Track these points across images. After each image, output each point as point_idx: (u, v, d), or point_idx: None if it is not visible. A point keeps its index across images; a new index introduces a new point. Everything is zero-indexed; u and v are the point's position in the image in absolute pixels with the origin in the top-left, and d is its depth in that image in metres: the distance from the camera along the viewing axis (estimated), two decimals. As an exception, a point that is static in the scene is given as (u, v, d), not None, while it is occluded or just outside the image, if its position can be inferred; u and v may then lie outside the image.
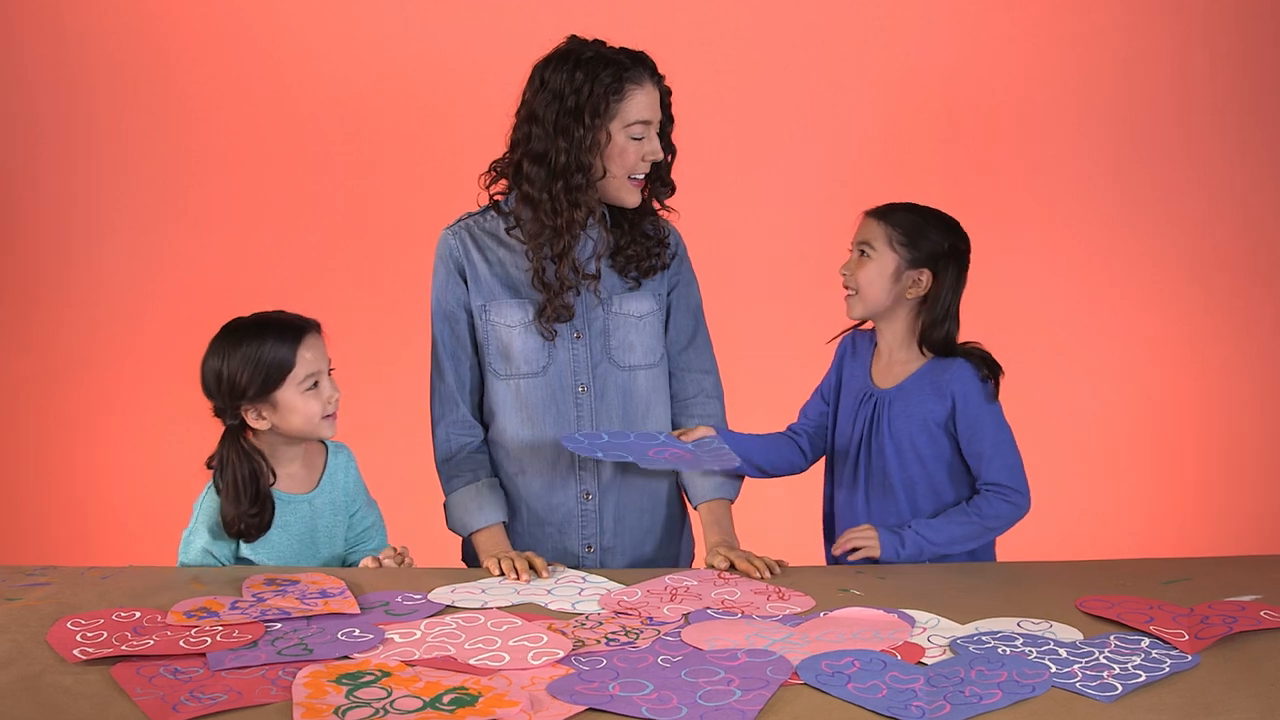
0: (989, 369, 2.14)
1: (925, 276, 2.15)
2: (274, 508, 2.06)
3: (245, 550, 2.07)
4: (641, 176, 2.11)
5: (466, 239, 2.17)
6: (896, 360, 2.20)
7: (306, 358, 2.04)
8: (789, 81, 3.63)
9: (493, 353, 2.17)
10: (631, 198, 2.12)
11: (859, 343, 2.29)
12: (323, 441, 2.16)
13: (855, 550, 2.11)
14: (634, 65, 2.06)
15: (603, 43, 2.09)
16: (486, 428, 2.22)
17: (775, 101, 3.62)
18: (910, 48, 3.63)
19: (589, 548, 2.20)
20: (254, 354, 2.02)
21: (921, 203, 2.20)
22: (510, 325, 2.14)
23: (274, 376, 2.02)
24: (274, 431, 2.07)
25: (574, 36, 2.10)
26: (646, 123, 2.07)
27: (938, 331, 2.15)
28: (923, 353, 2.18)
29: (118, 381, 3.56)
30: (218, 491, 2.05)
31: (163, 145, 3.59)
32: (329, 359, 2.09)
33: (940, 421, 2.15)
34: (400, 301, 3.61)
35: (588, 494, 2.19)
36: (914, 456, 2.16)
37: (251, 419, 2.04)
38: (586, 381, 2.16)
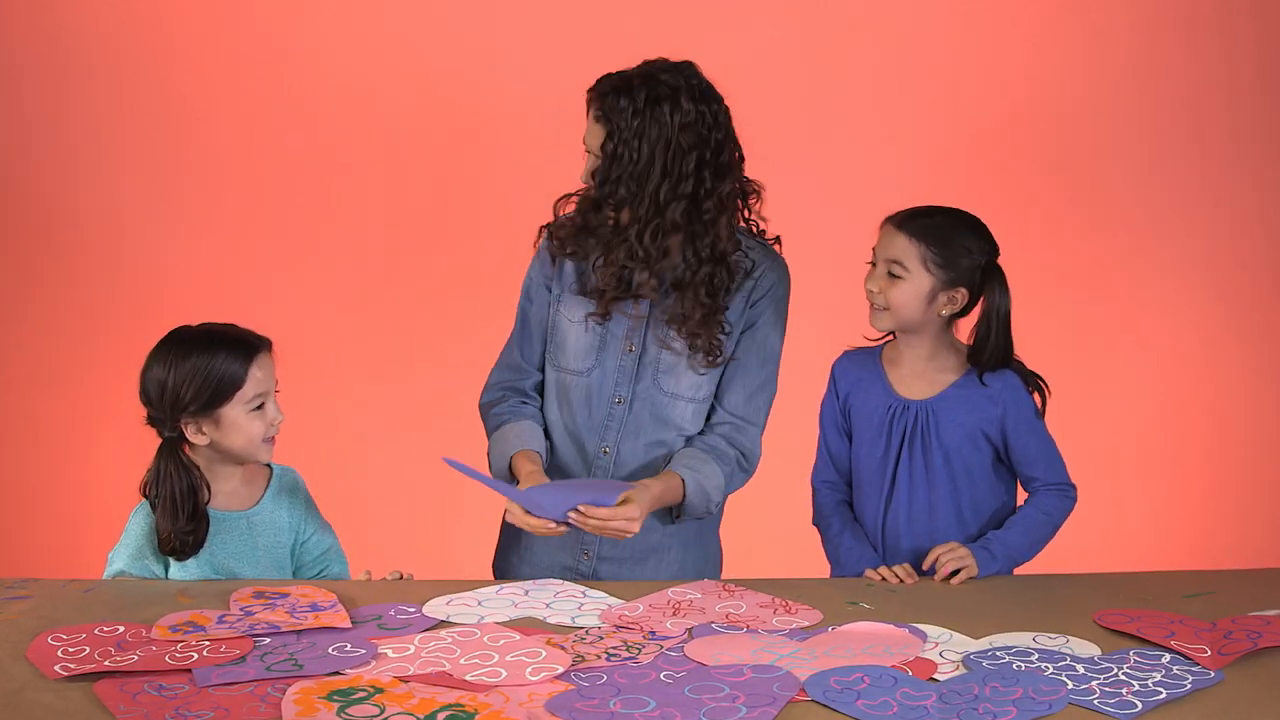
0: (1030, 382, 2.19)
1: (961, 295, 2.16)
2: (209, 525, 2.04)
3: (175, 571, 2.04)
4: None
5: None
6: (929, 369, 2.21)
7: (257, 376, 2.03)
8: (783, 82, 3.63)
9: (554, 342, 2.22)
10: None
11: (859, 358, 2.29)
12: (268, 464, 2.15)
13: (955, 573, 2.08)
14: (592, 95, 2.10)
15: (651, 62, 2.10)
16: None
17: (769, 102, 3.62)
18: (915, 47, 3.63)
19: (585, 554, 2.21)
20: (203, 367, 2.00)
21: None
22: (571, 320, 2.19)
23: (221, 392, 2.01)
24: (211, 448, 2.06)
25: (692, 66, 2.13)
26: (585, 141, 2.10)
27: (992, 351, 2.16)
28: (964, 359, 2.20)
29: (103, 389, 3.56)
30: (152, 509, 2.03)
31: (160, 148, 3.58)
32: (276, 380, 2.08)
33: (987, 428, 2.18)
34: (407, 309, 3.63)
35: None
36: (962, 464, 2.18)
37: (190, 433, 2.03)
38: (625, 395, 2.18)
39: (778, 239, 2.22)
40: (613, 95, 2.06)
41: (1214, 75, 3.63)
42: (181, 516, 2.00)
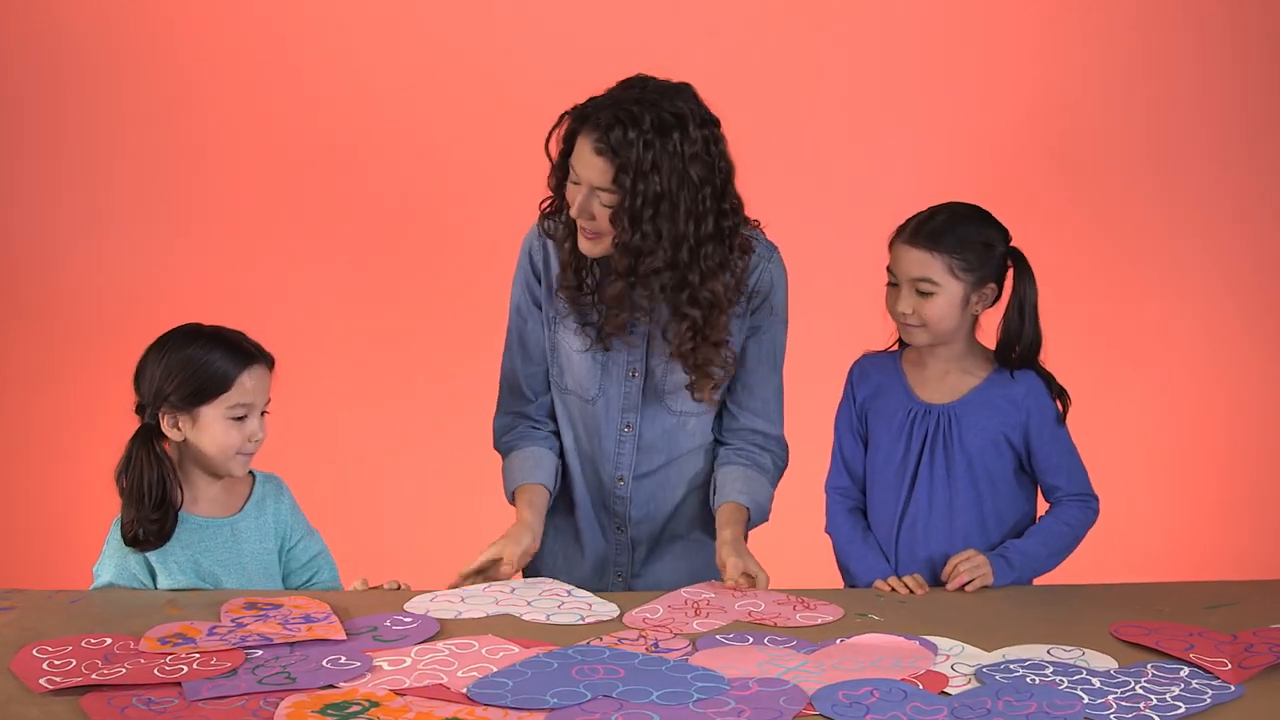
0: (1053, 389, 2.19)
1: (991, 290, 2.17)
2: (176, 519, 2.04)
3: (164, 581, 2.04)
4: (592, 234, 2.03)
5: (549, 242, 2.16)
6: (953, 372, 2.21)
7: (246, 385, 2.04)
8: (788, 84, 3.63)
9: (557, 366, 2.22)
10: (580, 243, 2.07)
11: (878, 361, 2.29)
12: (250, 471, 2.15)
13: (968, 581, 2.10)
14: (580, 117, 1.99)
15: (640, 82, 2.01)
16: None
17: (774, 105, 3.62)
18: (919, 48, 3.63)
19: (619, 576, 2.27)
20: (195, 359, 2.02)
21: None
22: (573, 348, 2.18)
23: (205, 390, 2.02)
24: (185, 449, 2.06)
25: (690, 88, 2.04)
26: (577, 173, 2.00)
27: (1025, 343, 2.16)
28: (989, 361, 2.21)
29: (93, 395, 3.55)
30: (120, 495, 2.04)
31: (155, 147, 3.58)
32: (269, 398, 2.09)
33: (1011, 434, 2.18)
34: (408, 318, 3.63)
35: (619, 528, 2.25)
36: (984, 470, 2.18)
37: (166, 425, 2.04)
38: (634, 421, 2.19)
39: (758, 224, 2.18)
40: (618, 127, 1.94)
41: (1226, 73, 3.62)
42: (147, 505, 2.01)
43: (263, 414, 2.09)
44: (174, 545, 2.05)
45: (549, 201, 2.14)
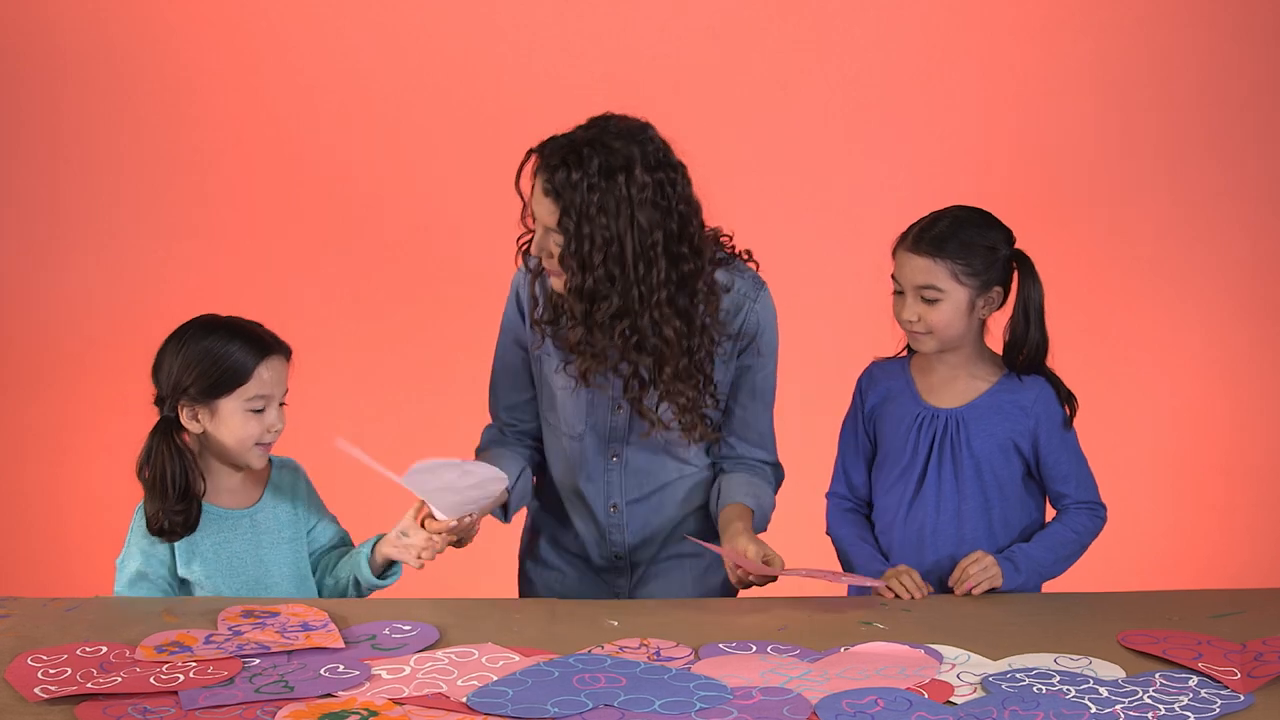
0: (1062, 394, 2.20)
1: (996, 293, 2.17)
2: (200, 509, 2.06)
3: (183, 572, 2.06)
4: (554, 272, 2.01)
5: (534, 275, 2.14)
6: (961, 376, 2.21)
7: (264, 377, 2.06)
8: (792, 93, 3.63)
9: (545, 401, 2.21)
10: (550, 279, 2.06)
11: (887, 368, 2.29)
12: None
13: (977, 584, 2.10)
14: (538, 155, 1.98)
15: (601, 121, 1.99)
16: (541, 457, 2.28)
17: (777, 115, 3.62)
18: (922, 53, 3.63)
19: (617, 594, 2.28)
20: (213, 352, 2.04)
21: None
22: (557, 386, 2.17)
23: (224, 382, 2.04)
24: (205, 441, 2.08)
25: (647, 130, 2.01)
26: (533, 211, 2.00)
27: (1031, 346, 2.17)
28: (998, 366, 2.21)
29: (90, 400, 3.57)
30: (143, 488, 2.06)
31: (155, 148, 3.58)
32: (286, 389, 2.11)
33: (1020, 440, 2.18)
34: (417, 316, 3.64)
35: (618, 554, 2.25)
36: (993, 476, 2.18)
37: (185, 418, 2.06)
38: (620, 450, 2.18)
39: (749, 254, 2.16)
40: (562, 168, 1.93)
41: (1228, 73, 3.62)
42: (171, 496, 2.03)
43: (281, 405, 2.10)
44: (198, 535, 2.07)
45: (528, 237, 2.10)
